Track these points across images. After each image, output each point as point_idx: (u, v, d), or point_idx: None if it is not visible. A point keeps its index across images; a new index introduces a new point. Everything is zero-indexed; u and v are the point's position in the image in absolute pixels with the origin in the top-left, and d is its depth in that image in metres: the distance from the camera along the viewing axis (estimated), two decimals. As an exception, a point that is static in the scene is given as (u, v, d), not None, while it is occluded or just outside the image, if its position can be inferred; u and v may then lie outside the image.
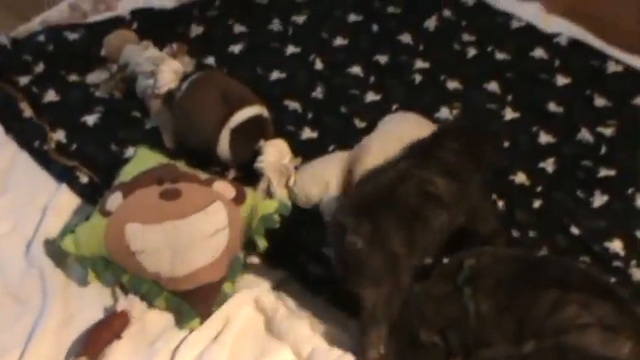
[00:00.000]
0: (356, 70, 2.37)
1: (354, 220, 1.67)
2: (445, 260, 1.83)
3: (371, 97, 2.30)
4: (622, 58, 2.34)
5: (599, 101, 2.26)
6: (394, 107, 2.26)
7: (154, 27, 2.43)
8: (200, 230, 1.81)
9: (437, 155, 1.80)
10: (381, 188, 1.73)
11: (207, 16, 2.52)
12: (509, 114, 2.25)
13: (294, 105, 2.27)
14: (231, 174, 2.09)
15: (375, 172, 1.81)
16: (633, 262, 1.89)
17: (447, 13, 2.53)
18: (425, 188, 1.74)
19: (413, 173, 1.75)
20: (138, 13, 2.48)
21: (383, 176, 1.77)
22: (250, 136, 2.06)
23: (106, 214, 1.81)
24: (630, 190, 2.04)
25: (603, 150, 2.15)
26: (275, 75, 2.35)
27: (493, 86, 2.32)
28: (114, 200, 1.82)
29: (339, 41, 2.46)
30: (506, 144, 2.16)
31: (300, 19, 2.52)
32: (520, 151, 2.14)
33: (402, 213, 1.70)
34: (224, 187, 1.89)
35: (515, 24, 2.50)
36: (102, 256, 1.80)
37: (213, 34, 2.48)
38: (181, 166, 1.97)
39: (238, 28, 2.49)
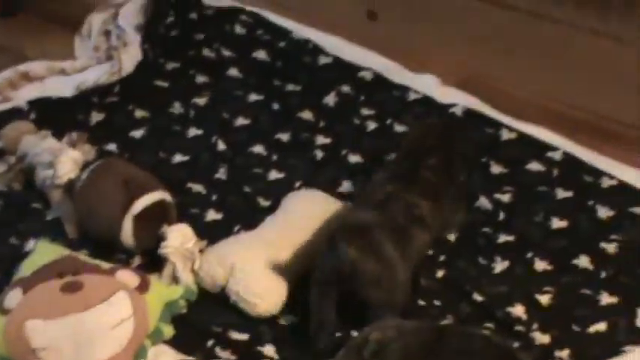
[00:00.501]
0: (258, 149, 2.39)
1: (347, 235, 1.82)
2: (353, 334, 1.85)
3: (274, 175, 2.32)
4: (515, 125, 2.40)
5: (496, 168, 2.31)
6: (297, 184, 2.28)
7: (52, 116, 2.43)
8: (104, 322, 1.79)
9: (420, 176, 1.96)
10: (372, 208, 1.90)
11: (107, 102, 2.53)
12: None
13: (197, 187, 2.28)
14: (137, 261, 2.08)
15: (363, 196, 1.99)
16: (535, 326, 1.92)
17: (345, 88, 2.58)
18: (411, 210, 1.90)
19: (400, 196, 1.92)
20: (36, 103, 2.48)
21: (372, 198, 1.94)
22: (153, 221, 2.06)
23: (4, 312, 1.78)
24: (529, 255, 2.09)
25: (501, 216, 2.19)
26: (178, 158, 2.36)
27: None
28: (13, 297, 1.80)
29: (240, 121, 2.48)
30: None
31: (201, 101, 2.55)
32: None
33: (392, 229, 1.86)
34: (127, 276, 1.88)
35: (412, 96, 2.55)
36: (1, 357, 1.77)
37: (114, 120, 2.48)
38: (83, 257, 1.95)
39: (139, 113, 2.50)
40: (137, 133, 2.44)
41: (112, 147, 2.39)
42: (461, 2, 2.60)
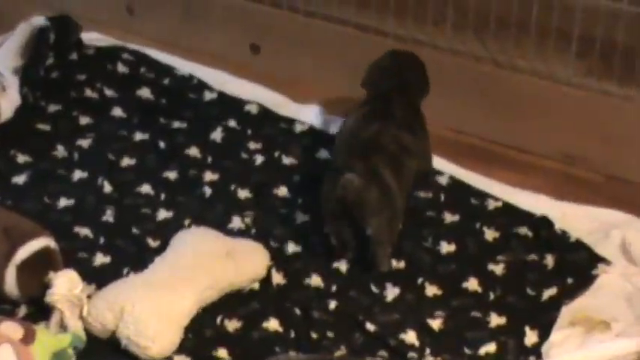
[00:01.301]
0: (145, 188, 2.36)
1: (348, 162, 2.04)
2: None
3: (163, 214, 2.29)
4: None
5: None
6: (187, 222, 2.26)
7: None
8: (-12, 377, 1.74)
9: (394, 115, 2.20)
10: (366, 139, 2.12)
11: (-13, 149, 2.47)
12: (300, 217, 2.29)
13: (84, 231, 2.23)
14: (23, 311, 2.02)
15: (350, 131, 2.21)
16: (427, 351, 1.94)
17: (231, 123, 2.57)
18: (399, 140, 2.14)
19: (387, 130, 2.15)
20: None
21: (363, 133, 2.15)
22: (38, 269, 2.01)
23: None
24: (420, 280, 2.10)
25: (393, 242, 2.21)
26: (63, 202, 2.31)
27: (282, 191, 2.36)
28: None
29: (126, 161, 2.45)
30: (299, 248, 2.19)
31: (85, 142, 2.50)
32: (312, 254, 2.18)
33: (387, 155, 2.08)
34: (11, 328, 1.83)
35: (298, 127, 2.56)
36: None
37: (-5, 166, 2.42)
38: (-36, 311, 1.89)
39: (22, 158, 2.44)
40: (20, 179, 2.37)
41: (-7, 194, 2.32)
42: (340, 32, 2.62)
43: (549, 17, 2.39)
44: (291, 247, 2.20)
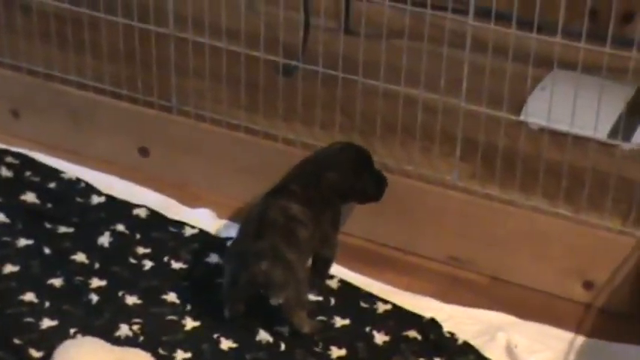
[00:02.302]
0: (29, 296, 2.30)
1: (254, 246, 2.15)
2: None
3: (47, 323, 2.23)
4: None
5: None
6: (72, 331, 2.20)
7: None
8: None
9: (288, 188, 2.28)
10: (256, 218, 2.21)
11: None
12: (190, 323, 2.26)
13: (-37, 343, 2.15)
14: None
15: (248, 212, 2.31)
16: None
17: (120, 227, 2.54)
18: (286, 211, 2.21)
19: (273, 202, 2.23)
20: None
21: (252, 213, 2.26)
22: None
23: None
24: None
25: (283, 347, 2.20)
26: (-59, 313, 2.23)
27: (171, 297, 2.33)
28: None
29: (9, 268, 2.39)
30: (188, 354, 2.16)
31: (-35, 250, 2.43)
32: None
33: (279, 229, 2.18)
34: None
35: (188, 231, 2.55)
36: None
37: None
38: None
39: None
40: None
41: None
42: (229, 135, 2.65)
43: (434, 121, 2.45)
44: (180, 355, 2.17)
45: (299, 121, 2.61)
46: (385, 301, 2.33)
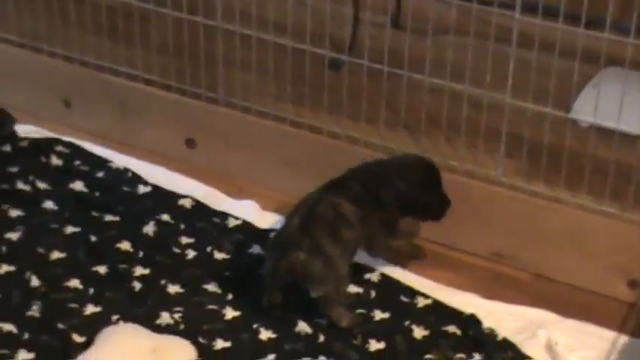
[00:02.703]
0: (74, 283, 2.34)
1: (295, 237, 2.16)
2: None
3: (90, 309, 2.26)
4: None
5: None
6: (114, 318, 2.23)
7: None
8: None
9: (344, 185, 2.27)
10: (304, 210, 2.22)
11: None
12: (230, 313, 2.28)
13: (8, 327, 2.19)
14: None
15: (299, 202, 2.29)
16: None
17: (165, 217, 2.56)
18: (336, 208, 2.21)
19: (325, 198, 2.24)
20: None
21: (303, 204, 2.26)
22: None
23: None
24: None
25: (321, 339, 2.20)
26: (-13, 297, 2.28)
27: (212, 286, 2.35)
28: None
29: (55, 255, 2.42)
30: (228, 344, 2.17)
31: (14, 235, 2.47)
32: (241, 350, 2.16)
33: (325, 225, 2.18)
34: None
35: (232, 222, 2.56)
36: None
37: None
38: None
39: (-51, 251, 2.41)
40: (-55, 272, 2.34)
41: None
42: (275, 128, 2.66)
43: (479, 117, 2.44)
44: (220, 344, 2.18)
45: (344, 115, 2.61)
46: (426, 296, 2.33)
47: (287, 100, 2.68)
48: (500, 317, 2.26)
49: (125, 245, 2.47)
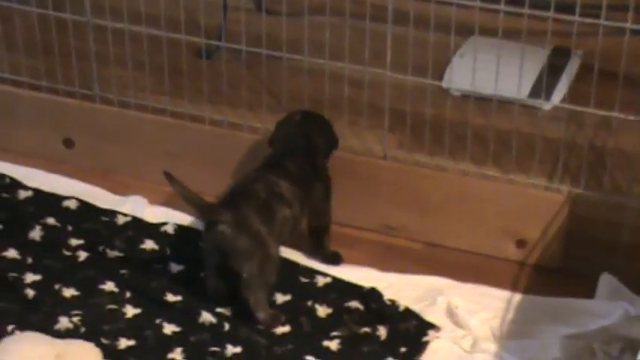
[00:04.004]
0: (-36, 296, 2.26)
1: (220, 212, 2.15)
2: None
3: (-17, 322, 2.20)
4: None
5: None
6: (10, 328, 2.17)
7: None
8: None
9: (282, 165, 2.29)
10: (238, 187, 2.25)
11: None
12: (130, 311, 2.24)
13: None
14: None
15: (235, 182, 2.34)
16: None
17: (50, 220, 2.50)
18: (272, 188, 2.22)
19: (263, 176, 2.25)
20: None
21: (239, 180, 2.31)
22: None
23: None
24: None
25: (227, 327, 2.20)
26: None
27: (109, 286, 2.31)
28: None
29: (-60, 269, 2.34)
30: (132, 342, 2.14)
31: None
32: (145, 348, 2.14)
33: (256, 202, 2.19)
34: None
35: (121, 219, 2.52)
36: None
37: None
38: None
39: None
40: None
41: None
42: (154, 120, 2.62)
43: (360, 95, 2.47)
44: (124, 342, 2.15)
45: (225, 104, 2.60)
46: (325, 274, 2.35)
47: (165, 93, 2.65)
48: (399, 288, 2.31)
49: (12, 253, 2.40)
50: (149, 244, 2.45)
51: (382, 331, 2.19)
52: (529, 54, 2.42)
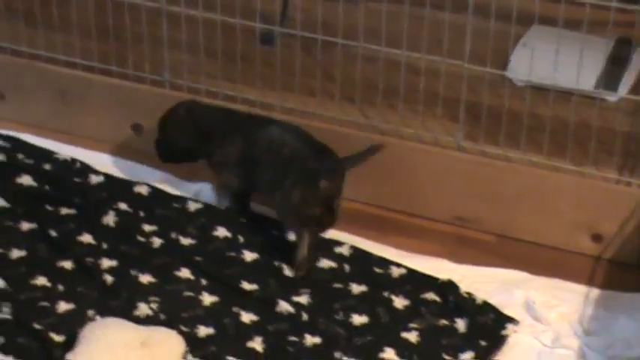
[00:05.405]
0: (41, 280, 2.27)
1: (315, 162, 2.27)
2: None
3: (63, 306, 2.20)
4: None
5: (289, 271, 2.33)
6: (90, 313, 2.18)
7: None
8: None
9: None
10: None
11: None
12: (207, 298, 2.25)
13: (-19, 331, 2.11)
14: None
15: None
16: None
17: (123, 206, 2.51)
18: None
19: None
20: None
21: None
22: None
23: None
24: (337, 354, 2.10)
25: (305, 317, 2.20)
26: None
27: (185, 273, 2.32)
28: None
29: (16, 253, 2.34)
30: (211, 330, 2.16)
31: (-33, 235, 2.38)
32: (225, 335, 2.15)
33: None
34: None
35: (192, 206, 2.53)
36: None
37: None
38: None
39: None
40: None
41: None
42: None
43: (436, 86, 2.46)
44: (203, 330, 2.16)
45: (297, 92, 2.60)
46: (399, 265, 2.35)
47: (236, 80, 2.65)
48: (473, 280, 2.31)
49: (87, 238, 2.41)
50: (222, 232, 2.45)
51: (460, 324, 2.19)
52: (592, 44, 2.41)
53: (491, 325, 2.18)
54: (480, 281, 2.31)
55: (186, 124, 2.46)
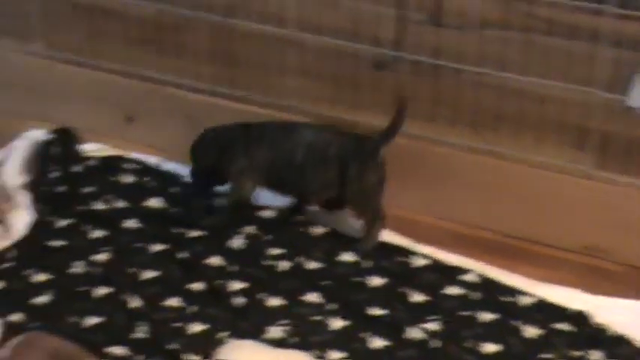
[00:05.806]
0: (173, 301, 2.30)
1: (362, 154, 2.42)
2: None
3: (196, 327, 2.23)
4: (426, 252, 2.44)
5: (417, 297, 2.32)
6: (223, 335, 2.20)
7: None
8: None
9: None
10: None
11: (2, 269, 2.38)
12: (335, 323, 2.26)
13: (118, 350, 2.15)
14: None
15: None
16: None
17: (249, 229, 2.53)
18: None
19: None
20: None
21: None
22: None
23: None
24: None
25: (433, 344, 2.19)
26: (90, 320, 2.23)
27: (312, 297, 2.33)
28: None
29: (148, 274, 2.39)
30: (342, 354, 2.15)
31: (101, 257, 2.43)
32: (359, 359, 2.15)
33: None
34: None
35: (315, 231, 2.54)
36: None
37: (13, 287, 2.33)
38: None
39: (39, 277, 2.36)
40: (41, 299, 2.29)
41: (17, 317, 2.22)
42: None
43: (566, 114, 2.44)
44: (334, 355, 2.16)
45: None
46: (529, 294, 2.32)
47: (344, 103, 2.65)
48: (607, 311, 2.27)
49: (215, 260, 2.44)
50: (346, 257, 2.45)
51: (596, 356, 2.15)
52: None
53: (627, 357, 2.13)
54: (613, 312, 2.27)
55: (211, 145, 2.52)
